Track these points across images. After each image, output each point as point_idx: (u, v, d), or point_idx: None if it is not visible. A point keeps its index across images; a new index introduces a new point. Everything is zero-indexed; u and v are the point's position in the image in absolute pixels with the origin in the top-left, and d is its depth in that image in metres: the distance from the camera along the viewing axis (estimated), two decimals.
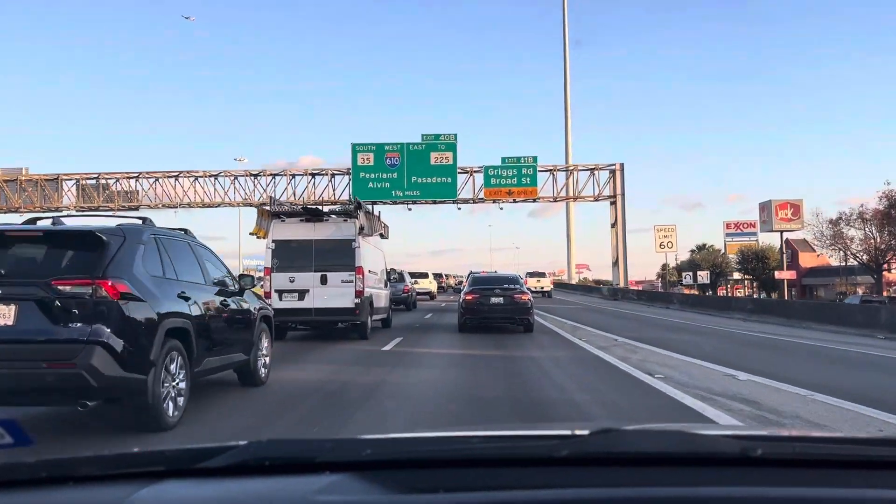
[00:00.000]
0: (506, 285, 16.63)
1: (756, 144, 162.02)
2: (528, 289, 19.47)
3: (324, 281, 15.02)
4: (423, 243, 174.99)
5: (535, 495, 1.10)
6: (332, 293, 15.03)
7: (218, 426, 6.11)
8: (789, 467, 1.21)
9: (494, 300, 16.14)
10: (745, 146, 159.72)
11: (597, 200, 47.75)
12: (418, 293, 39.33)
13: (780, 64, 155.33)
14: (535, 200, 47.50)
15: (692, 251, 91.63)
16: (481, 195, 46.74)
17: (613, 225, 48.10)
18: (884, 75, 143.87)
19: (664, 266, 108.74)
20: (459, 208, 48.36)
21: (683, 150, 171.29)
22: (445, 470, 1.22)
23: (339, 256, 15.10)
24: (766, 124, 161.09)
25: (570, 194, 47.30)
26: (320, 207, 16.52)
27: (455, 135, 46.68)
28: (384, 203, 48.48)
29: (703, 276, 48.37)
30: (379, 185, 46.47)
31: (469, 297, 16.54)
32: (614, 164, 47.21)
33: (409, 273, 42.08)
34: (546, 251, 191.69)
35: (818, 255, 69.85)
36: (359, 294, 15.13)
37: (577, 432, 1.33)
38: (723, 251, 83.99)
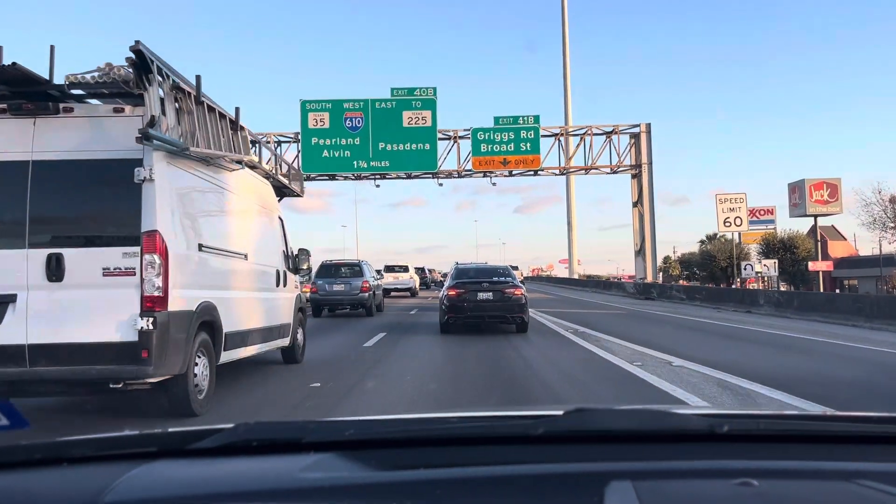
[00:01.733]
0: (495, 278, 14.27)
1: (735, 137, 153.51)
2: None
3: (56, 273, 5.99)
4: (407, 241, 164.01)
5: (512, 470, 1.14)
6: (72, 306, 5.97)
7: None
8: (755, 442, 1.25)
9: (482, 296, 13.73)
10: (726, 140, 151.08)
11: (615, 172, 37.67)
12: (396, 289, 34.41)
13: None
14: (536, 173, 37.35)
15: (701, 242, 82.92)
16: (468, 166, 36.56)
17: (636, 203, 38.00)
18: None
19: (666, 259, 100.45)
20: (441, 184, 38.18)
21: (667, 146, 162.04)
22: (425, 448, 1.26)
23: (100, 208, 6.36)
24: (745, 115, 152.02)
25: (584, 164, 37.13)
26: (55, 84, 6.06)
27: (434, 89, 36.45)
28: (345, 178, 38.20)
29: (770, 266, 37.91)
30: (337, 155, 36.16)
31: (452, 293, 13.98)
32: (638, 126, 37.12)
33: (387, 266, 35.67)
34: (532, 247, 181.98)
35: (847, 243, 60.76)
36: (153, 305, 6.01)
37: (552, 413, 1.35)
38: (737, 241, 74.94)
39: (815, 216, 53.07)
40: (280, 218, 11.01)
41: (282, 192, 13.75)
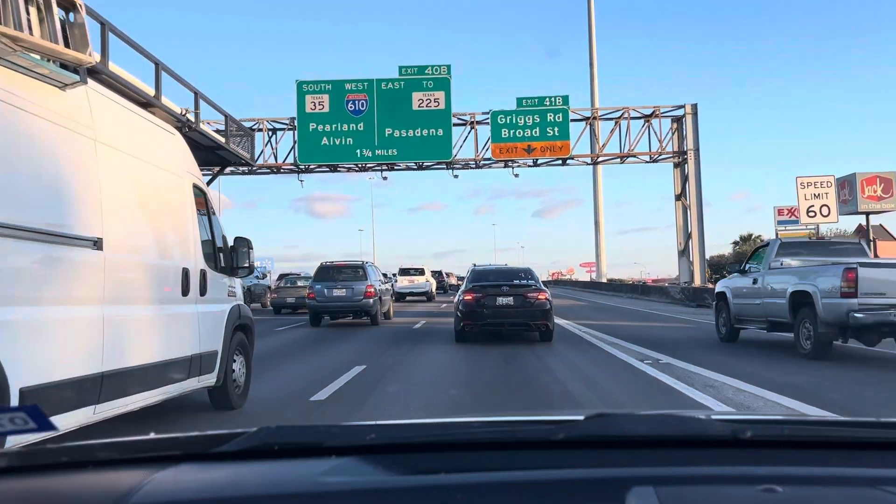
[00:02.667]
0: (516, 281, 12.61)
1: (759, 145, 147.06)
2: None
3: None
4: (425, 246, 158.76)
5: (533, 475, 1.12)
6: None
7: None
8: (778, 448, 1.24)
9: (502, 300, 12.10)
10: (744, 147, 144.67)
11: (654, 161, 32.96)
12: (412, 294, 32.34)
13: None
14: (565, 161, 32.72)
15: (735, 243, 78.03)
16: (487, 155, 32.02)
17: (679, 196, 33.24)
18: None
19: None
20: (456, 175, 33.67)
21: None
22: (446, 453, 1.26)
23: None
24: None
25: (619, 151, 32.45)
26: None
27: (448, 66, 31.99)
28: (347, 169, 33.79)
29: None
30: (338, 142, 31.81)
31: (469, 297, 12.32)
32: (681, 107, 32.40)
33: (401, 269, 33.55)
34: (552, 251, 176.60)
35: None
36: None
37: (573, 417, 1.35)
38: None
39: (868, 213, 48.56)
40: (200, 190, 6.82)
41: (218, 155, 9.52)
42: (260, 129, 32.55)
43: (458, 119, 32.35)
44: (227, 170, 33.16)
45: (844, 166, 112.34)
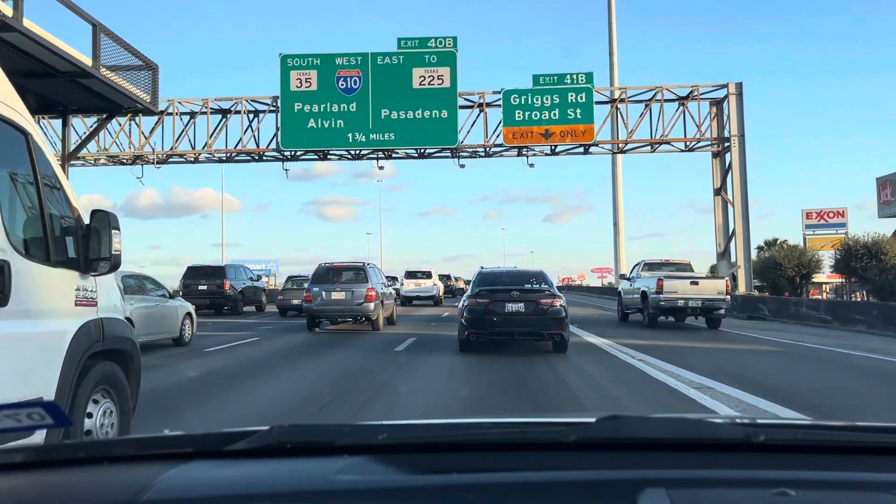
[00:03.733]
0: (527, 286, 11.50)
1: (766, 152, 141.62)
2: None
3: None
4: (434, 250, 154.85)
5: (544, 476, 1.12)
6: None
7: None
8: (792, 452, 1.22)
9: (512, 307, 11.04)
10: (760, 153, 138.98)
11: (690, 149, 28.69)
12: (418, 297, 30.39)
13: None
14: (587, 149, 28.51)
15: (759, 248, 73.52)
16: (499, 140, 27.85)
17: (719, 190, 28.94)
18: None
19: (712, 268, 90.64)
20: (462, 165, 29.41)
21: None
22: (458, 453, 1.25)
23: None
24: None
25: (652, 136, 28.16)
26: None
27: (454, 39, 27.87)
28: (339, 156, 29.75)
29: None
30: (327, 125, 27.74)
31: (474, 303, 11.25)
32: (724, 87, 28.08)
33: (407, 272, 31.37)
34: (562, 256, 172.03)
35: None
36: None
37: (585, 420, 1.33)
38: (801, 246, 65.94)
39: None
40: (12, 127, 3.70)
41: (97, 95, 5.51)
42: (238, 111, 28.52)
43: (465, 99, 28.20)
44: (175, 156, 29.26)
45: (874, 167, 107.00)
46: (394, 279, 29.10)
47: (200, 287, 22.89)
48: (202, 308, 21.15)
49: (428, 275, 32.00)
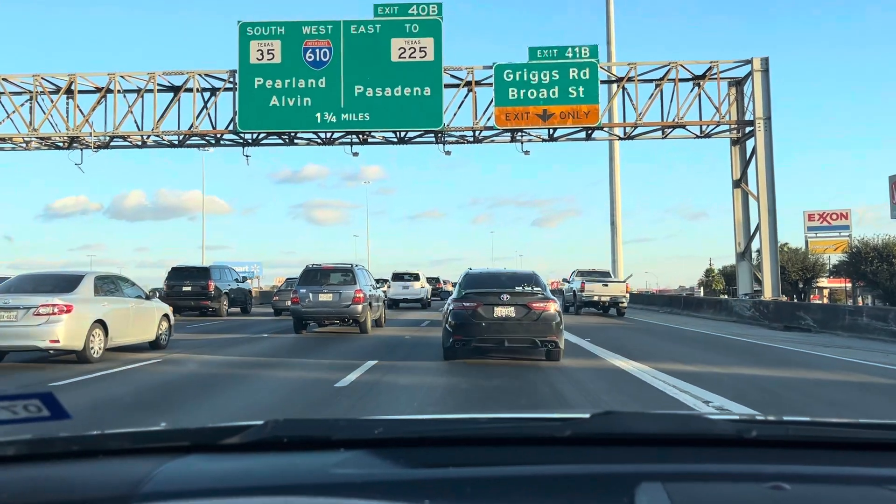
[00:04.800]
0: (518, 288, 10.66)
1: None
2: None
3: None
4: (423, 253, 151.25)
5: (540, 470, 1.13)
6: None
7: None
8: (783, 447, 1.24)
9: (502, 311, 10.23)
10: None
11: (707, 135, 25.26)
12: (406, 300, 29.81)
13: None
14: (590, 134, 25.06)
15: (757, 252, 70.22)
16: (490, 122, 24.31)
17: (738, 182, 25.54)
18: None
19: (708, 272, 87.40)
20: (448, 152, 25.86)
21: (683, 161, 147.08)
22: (454, 448, 1.26)
23: None
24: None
25: (665, 119, 24.69)
26: None
27: (438, 5, 24.28)
28: (307, 141, 26.16)
29: None
30: (292, 103, 24.13)
31: (460, 307, 10.35)
32: (747, 63, 24.63)
33: (395, 274, 30.49)
34: (550, 259, 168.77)
35: None
36: None
37: (580, 415, 1.34)
38: (803, 249, 63.68)
39: None
40: None
41: None
42: (190, 89, 24.79)
43: (452, 76, 24.68)
44: (119, 137, 25.24)
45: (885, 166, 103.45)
46: (383, 282, 27.83)
47: (185, 288, 22.43)
48: (186, 309, 21.42)
49: (416, 277, 30.68)
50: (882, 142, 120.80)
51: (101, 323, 10.37)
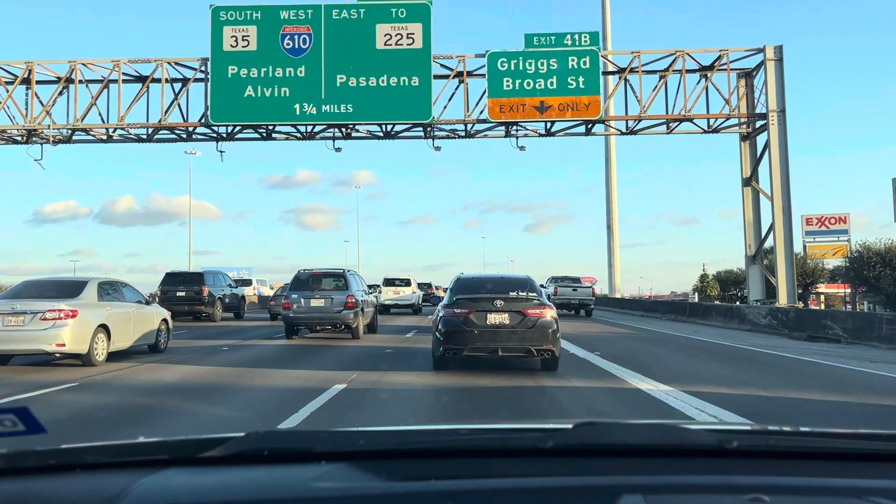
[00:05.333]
0: (513, 293, 9.93)
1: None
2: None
3: None
4: (414, 259, 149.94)
5: (522, 482, 1.12)
6: None
7: None
8: (764, 458, 1.24)
9: (495, 318, 9.63)
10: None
11: (715, 130, 23.58)
12: (397, 306, 29.69)
13: None
14: (590, 128, 23.36)
15: (769, 252, 69.10)
16: (483, 115, 22.56)
17: (749, 180, 23.91)
18: None
19: (702, 277, 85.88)
20: (438, 148, 24.06)
21: (677, 165, 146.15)
22: (436, 460, 1.25)
23: None
24: None
25: (671, 112, 23.00)
26: None
27: None
28: (284, 134, 24.40)
29: None
30: (269, 93, 22.30)
31: (451, 314, 9.75)
32: (760, 51, 22.97)
33: (386, 279, 30.13)
34: (542, 265, 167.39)
35: None
36: None
37: (562, 426, 1.34)
38: (801, 254, 61.90)
39: None
40: None
41: None
42: (158, 79, 22.92)
43: (441, 65, 22.93)
44: (81, 131, 23.09)
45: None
46: (375, 287, 27.43)
47: (178, 293, 22.26)
48: (180, 314, 21.23)
49: (407, 282, 30.22)
50: (879, 143, 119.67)
51: (104, 327, 10.62)
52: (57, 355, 10.24)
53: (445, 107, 22.95)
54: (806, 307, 25.00)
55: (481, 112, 22.55)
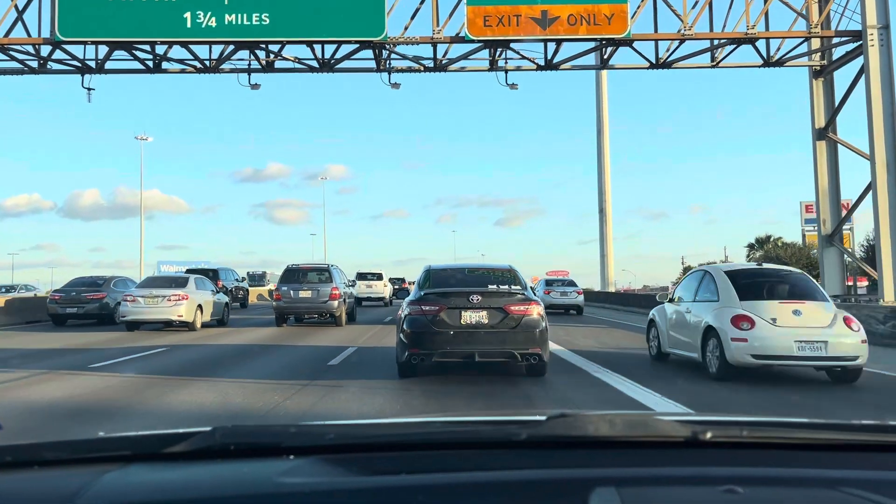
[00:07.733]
0: (492, 286, 8.81)
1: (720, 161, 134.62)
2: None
3: None
4: (385, 254, 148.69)
5: (495, 476, 1.11)
6: None
7: None
8: (737, 449, 1.23)
9: (470, 316, 8.44)
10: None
11: (776, 63, 16.94)
12: (369, 299, 31.40)
13: None
14: (609, 55, 16.71)
15: (750, 246, 65.04)
16: (458, 30, 15.73)
17: (824, 131, 17.42)
18: None
19: (686, 270, 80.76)
20: (396, 84, 17.19)
21: (655, 159, 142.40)
22: (407, 453, 1.23)
23: None
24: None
25: (746, 30, 16.41)
26: None
27: None
28: (177, 63, 17.31)
29: None
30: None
31: (419, 311, 8.53)
32: None
33: (359, 274, 31.49)
34: (514, 259, 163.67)
35: None
36: None
37: (535, 418, 1.31)
38: (799, 243, 57.45)
39: None
40: None
41: None
42: None
43: None
44: None
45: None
46: (353, 282, 28.41)
47: None
48: None
49: (379, 276, 32.21)
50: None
51: (200, 306, 16.74)
52: (176, 322, 16.21)
53: (407, 26, 16.16)
54: None
55: (456, 26, 15.77)
